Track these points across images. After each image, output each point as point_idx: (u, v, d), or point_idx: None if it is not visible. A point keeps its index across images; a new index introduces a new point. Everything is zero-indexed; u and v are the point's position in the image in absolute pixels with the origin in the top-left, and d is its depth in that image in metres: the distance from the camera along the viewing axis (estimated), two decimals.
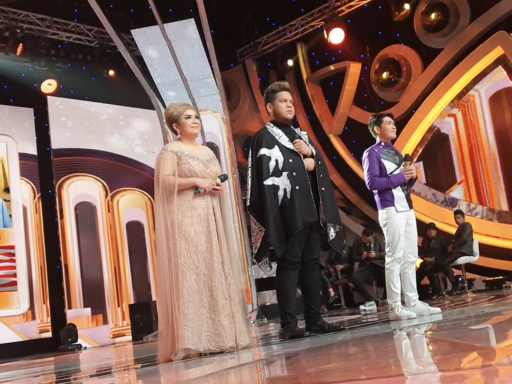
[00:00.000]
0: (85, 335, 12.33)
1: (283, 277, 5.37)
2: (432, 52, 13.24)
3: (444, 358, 2.96)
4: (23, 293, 12.35)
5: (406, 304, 6.25)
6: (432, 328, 4.95)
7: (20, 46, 12.37)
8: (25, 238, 12.62)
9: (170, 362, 4.72)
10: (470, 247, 11.26)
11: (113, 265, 13.25)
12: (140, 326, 11.74)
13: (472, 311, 6.54)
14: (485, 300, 8.35)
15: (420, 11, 13.31)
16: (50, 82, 13.21)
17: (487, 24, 12.36)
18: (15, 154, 12.77)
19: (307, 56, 15.42)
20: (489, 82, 12.64)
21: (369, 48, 14.30)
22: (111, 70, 13.66)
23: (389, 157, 6.32)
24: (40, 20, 12.78)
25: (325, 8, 14.16)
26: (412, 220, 6.30)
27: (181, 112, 5.19)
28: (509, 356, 2.80)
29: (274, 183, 5.27)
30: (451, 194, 13.10)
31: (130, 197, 13.84)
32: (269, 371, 3.62)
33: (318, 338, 5.06)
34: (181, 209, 4.98)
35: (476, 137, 12.83)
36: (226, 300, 4.91)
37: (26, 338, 12.22)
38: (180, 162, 5.07)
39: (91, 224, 13.22)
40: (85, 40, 13.53)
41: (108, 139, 13.78)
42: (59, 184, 12.84)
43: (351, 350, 4.08)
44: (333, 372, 3.03)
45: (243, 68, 15.87)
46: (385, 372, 2.76)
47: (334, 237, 5.43)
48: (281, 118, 5.55)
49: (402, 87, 13.83)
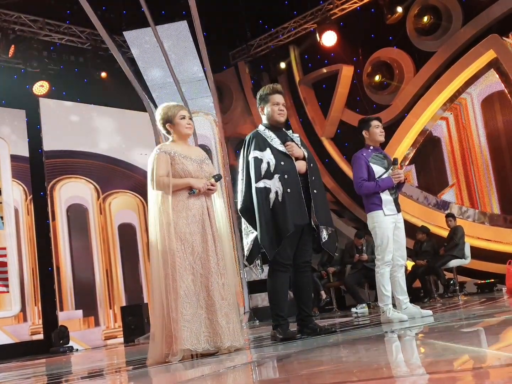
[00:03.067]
0: (76, 337, 12.31)
1: (275, 279, 5.37)
2: (424, 55, 13.27)
3: (435, 361, 2.96)
4: (14, 295, 12.31)
5: (398, 307, 6.25)
6: (424, 331, 4.95)
7: (12, 48, 12.33)
8: (17, 240, 12.58)
9: (162, 364, 4.72)
10: (462, 250, 11.29)
11: (105, 267, 13.22)
12: (131, 328, 11.72)
13: (463, 314, 6.56)
14: (477, 303, 8.37)
15: (412, 14, 13.34)
16: (42, 84, 13.17)
17: (479, 27, 12.40)
18: (6, 156, 12.73)
19: (299, 59, 15.43)
20: (481, 86, 12.67)
21: (361, 51, 14.31)
22: (103, 72, 13.63)
23: (378, 161, 6.33)
24: (32, 21, 12.74)
25: (317, 11, 14.16)
26: (401, 224, 6.31)
27: (176, 113, 5.20)
28: (500, 359, 2.81)
29: (265, 186, 5.27)
30: (443, 197, 13.12)
31: (122, 199, 13.82)
32: (260, 373, 3.62)
33: (309, 340, 5.06)
34: (176, 210, 4.99)
35: (468, 140, 12.86)
36: (223, 300, 4.92)
37: (17, 340, 12.18)
38: (173, 162, 5.08)
39: (83, 226, 13.20)
40: (77, 42, 13.50)
41: (100, 141, 13.75)
42: (51, 186, 12.81)
43: (343, 352, 4.08)
44: (325, 374, 3.03)
45: (236, 71, 15.86)
46: (376, 374, 2.77)
47: (326, 239, 5.43)
48: (273, 121, 5.55)
49: (395, 90, 13.85)
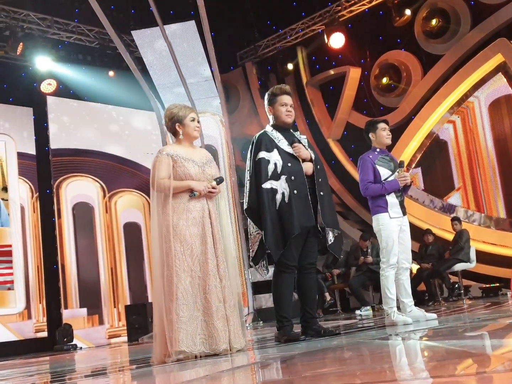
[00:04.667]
0: (80, 335, 12.31)
1: (279, 280, 5.37)
2: (432, 58, 13.25)
3: (439, 365, 2.96)
4: (19, 292, 12.33)
5: (402, 310, 6.25)
6: (428, 334, 4.95)
7: (20, 46, 12.36)
8: (23, 237, 12.60)
9: (165, 363, 4.73)
10: (467, 254, 11.27)
11: (110, 265, 13.22)
12: (135, 327, 11.72)
13: (468, 318, 6.55)
14: (481, 307, 8.35)
15: (421, 17, 13.32)
16: (49, 82, 13.19)
17: (487, 31, 12.38)
18: (13, 154, 12.75)
19: (307, 60, 15.42)
20: (488, 89, 12.65)
21: (369, 53, 14.30)
22: (111, 70, 13.64)
23: (384, 163, 6.33)
24: (40, 20, 12.76)
25: (325, 13, 14.15)
26: (406, 227, 6.31)
27: (187, 114, 5.24)
28: (504, 364, 2.80)
29: (272, 187, 5.26)
30: (449, 201, 13.09)
31: (127, 198, 13.81)
32: (264, 375, 3.62)
33: (313, 342, 5.06)
34: (176, 212, 4.99)
35: (475, 144, 12.84)
36: (220, 303, 4.92)
37: (21, 338, 12.19)
38: (175, 165, 5.10)
39: (88, 225, 13.20)
40: (85, 40, 13.51)
41: (107, 140, 13.74)
42: (57, 184, 12.81)
43: (347, 354, 4.07)
44: (328, 376, 3.03)
45: (243, 71, 15.86)
46: (380, 377, 2.76)
47: (332, 241, 5.43)
48: (280, 122, 5.55)
49: (402, 93, 13.83)
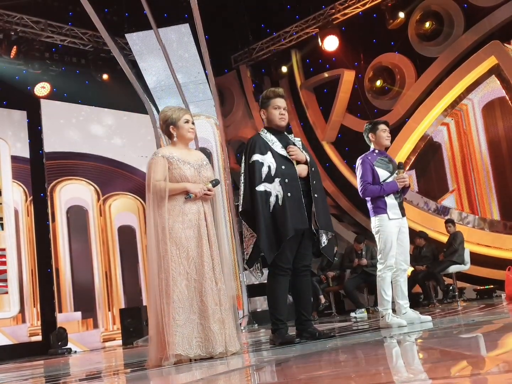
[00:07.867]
0: (75, 339, 12.28)
1: (274, 283, 5.36)
2: (426, 61, 13.27)
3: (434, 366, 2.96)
4: (13, 296, 12.30)
5: (397, 311, 6.25)
6: (423, 336, 4.95)
7: (14, 49, 12.34)
8: (16, 241, 12.57)
9: (159, 367, 4.72)
10: (462, 256, 11.29)
11: (104, 269, 13.20)
12: (130, 330, 11.72)
13: (462, 319, 6.55)
14: (476, 309, 8.36)
15: (414, 19, 13.34)
16: (43, 85, 13.17)
17: (481, 33, 12.41)
18: (7, 157, 12.72)
19: (301, 63, 15.42)
20: (482, 92, 12.67)
21: (363, 56, 14.32)
22: (105, 74, 13.63)
23: (383, 164, 6.32)
24: (34, 23, 12.75)
25: (319, 16, 14.17)
26: (405, 228, 6.31)
27: (181, 116, 5.23)
28: (499, 365, 2.80)
29: (266, 189, 5.26)
30: (443, 203, 13.11)
31: (122, 202, 13.80)
32: (259, 377, 3.62)
33: (308, 344, 5.06)
34: (172, 214, 4.99)
35: (469, 146, 12.86)
36: (217, 306, 4.92)
37: (16, 341, 12.16)
38: (171, 167, 5.09)
39: (82, 228, 13.17)
40: (79, 43, 13.50)
41: (101, 143, 13.73)
42: (51, 187, 12.79)
43: (341, 357, 4.08)
44: (323, 379, 3.03)
45: (237, 74, 15.86)
46: (374, 380, 2.76)
47: (326, 244, 5.42)
48: (274, 124, 5.55)
49: (396, 95, 13.85)
